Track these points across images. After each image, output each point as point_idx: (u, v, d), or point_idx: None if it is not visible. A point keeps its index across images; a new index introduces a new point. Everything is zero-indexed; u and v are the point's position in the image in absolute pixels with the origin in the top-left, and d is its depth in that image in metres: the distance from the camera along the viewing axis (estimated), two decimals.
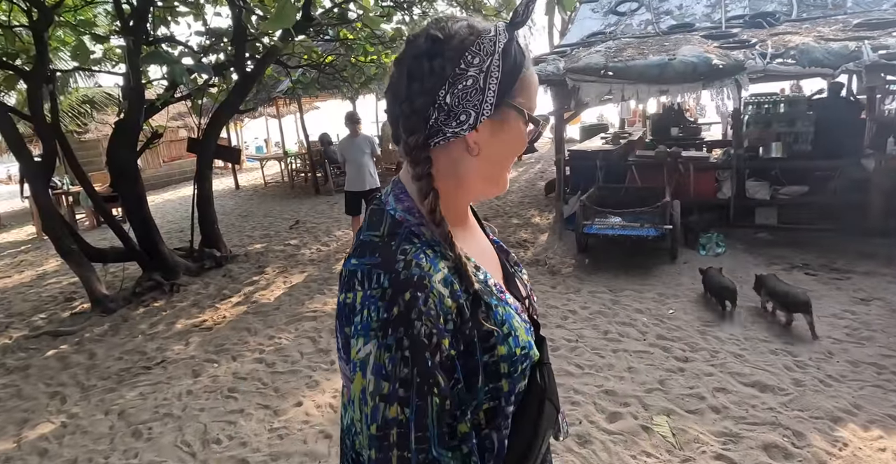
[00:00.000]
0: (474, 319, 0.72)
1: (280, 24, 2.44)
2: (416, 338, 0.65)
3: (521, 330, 0.77)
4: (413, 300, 0.66)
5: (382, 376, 0.65)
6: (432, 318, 0.66)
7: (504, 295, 0.79)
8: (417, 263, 0.69)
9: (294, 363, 3.82)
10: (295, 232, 7.88)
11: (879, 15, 6.91)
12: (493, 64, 0.73)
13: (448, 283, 0.70)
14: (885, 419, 2.66)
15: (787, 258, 5.11)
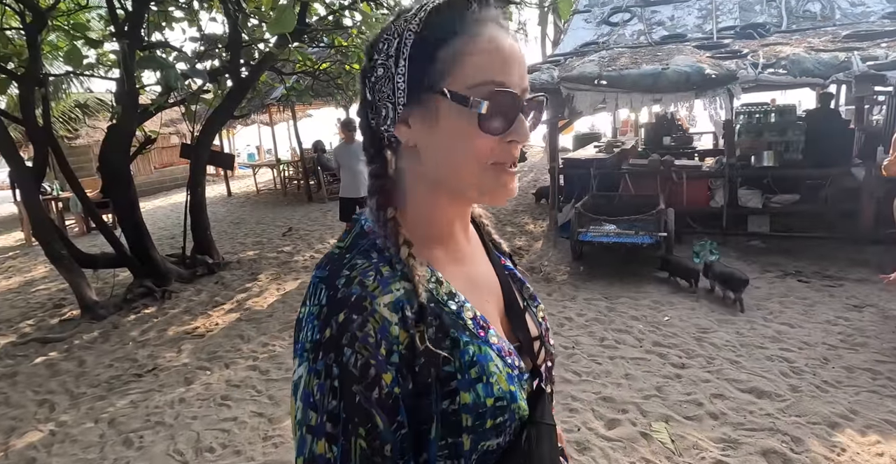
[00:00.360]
0: (429, 357, 0.59)
1: (280, 29, 2.45)
2: (345, 367, 0.56)
3: (501, 377, 0.63)
4: (346, 323, 0.57)
5: (310, 405, 0.57)
6: (369, 346, 0.56)
7: (484, 332, 0.65)
8: (361, 281, 0.59)
9: (288, 370, 3.78)
10: (288, 239, 7.84)
11: (868, 26, 7.04)
12: (404, 44, 0.61)
13: (398, 308, 0.59)
14: (881, 424, 2.66)
15: (780, 266, 5.15)
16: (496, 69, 0.60)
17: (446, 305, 0.64)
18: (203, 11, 5.42)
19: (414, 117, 0.62)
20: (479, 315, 0.66)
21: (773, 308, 4.19)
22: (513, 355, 0.67)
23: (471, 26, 0.61)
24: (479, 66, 0.59)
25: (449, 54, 0.60)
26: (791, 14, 8.29)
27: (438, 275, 0.66)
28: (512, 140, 0.61)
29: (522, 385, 0.67)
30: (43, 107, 5.36)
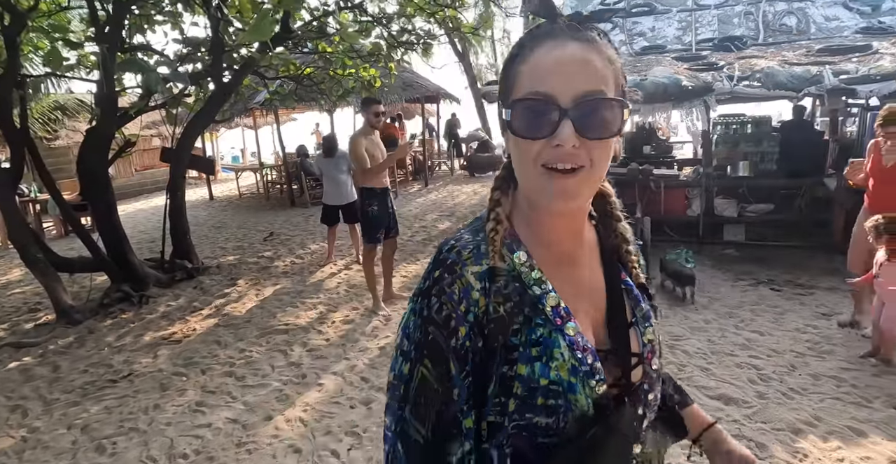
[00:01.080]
0: (499, 323, 0.68)
1: (257, 37, 2.47)
2: (430, 312, 0.68)
3: (563, 365, 0.68)
4: (440, 280, 0.69)
5: (405, 334, 0.72)
6: (453, 301, 0.68)
7: (561, 321, 0.70)
8: (459, 251, 0.71)
9: (264, 377, 3.77)
10: (269, 244, 7.81)
11: (840, 41, 7.23)
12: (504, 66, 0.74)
13: (483, 278, 0.69)
14: (843, 431, 2.74)
15: (753, 274, 5.26)
16: (537, 80, 0.67)
17: (531, 287, 0.71)
18: (186, 14, 5.41)
19: (506, 127, 0.72)
20: (563, 306, 0.72)
21: (744, 316, 4.29)
22: (588, 353, 0.71)
23: (532, 45, 0.69)
24: (525, 78, 0.68)
25: (514, 72, 0.70)
26: (768, 27, 8.48)
27: (532, 262, 0.73)
28: (557, 144, 0.66)
29: (588, 383, 0.69)
30: (21, 108, 5.30)
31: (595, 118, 0.66)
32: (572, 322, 0.71)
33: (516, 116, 0.68)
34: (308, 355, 4.08)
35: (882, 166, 3.69)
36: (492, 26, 15.48)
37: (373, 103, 4.57)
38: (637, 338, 0.78)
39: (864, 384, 3.19)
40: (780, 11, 8.64)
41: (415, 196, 11.33)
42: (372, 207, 4.59)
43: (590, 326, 0.75)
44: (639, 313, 0.80)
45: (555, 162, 0.66)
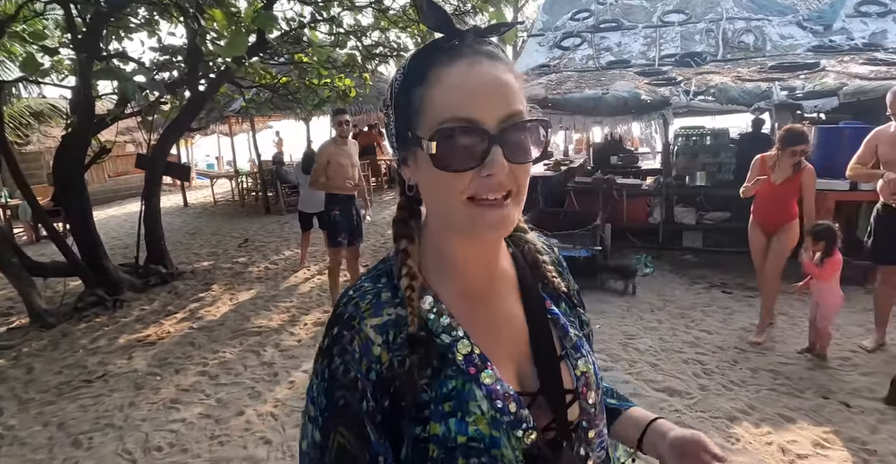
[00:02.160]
0: (405, 381, 0.63)
1: (232, 52, 2.64)
2: (333, 373, 0.64)
3: (482, 419, 0.62)
4: (339, 337, 0.64)
5: (311, 399, 0.66)
6: (354, 360, 0.63)
7: (476, 370, 0.64)
8: (357, 303, 0.66)
9: (237, 376, 3.90)
10: (243, 250, 7.89)
11: (793, 59, 7.66)
12: (392, 92, 0.67)
13: (384, 331, 0.64)
14: (774, 418, 3.00)
15: (708, 278, 5.56)
16: (458, 104, 0.60)
17: (438, 336, 0.65)
18: (164, 21, 5.52)
19: (409, 158, 0.66)
20: (476, 353, 0.66)
21: (695, 316, 4.56)
22: (510, 401, 0.64)
23: (441, 65, 0.62)
24: (441, 104, 0.60)
25: (419, 96, 0.62)
26: (727, 44, 8.90)
27: (441, 307, 0.67)
28: (488, 174, 0.60)
29: (513, 434, 0.63)
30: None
31: (522, 142, 0.61)
32: (489, 370, 0.65)
33: (440, 147, 0.59)
34: (280, 355, 4.21)
35: (770, 182, 3.80)
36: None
37: (337, 114, 4.80)
38: (569, 372, 0.72)
39: (797, 377, 3.46)
40: (739, 29, 9.09)
41: (390, 203, 11.50)
42: (334, 212, 4.74)
43: (513, 367, 0.69)
44: (568, 344, 0.73)
45: (485, 193, 0.61)
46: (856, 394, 3.22)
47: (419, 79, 0.63)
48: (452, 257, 0.69)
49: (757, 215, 4.10)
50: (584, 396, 0.71)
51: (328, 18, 5.55)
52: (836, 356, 3.72)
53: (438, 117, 0.60)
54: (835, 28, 8.60)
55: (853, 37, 8.30)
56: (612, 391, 0.91)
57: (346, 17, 6.68)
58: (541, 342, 0.71)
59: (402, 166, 0.69)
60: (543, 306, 0.75)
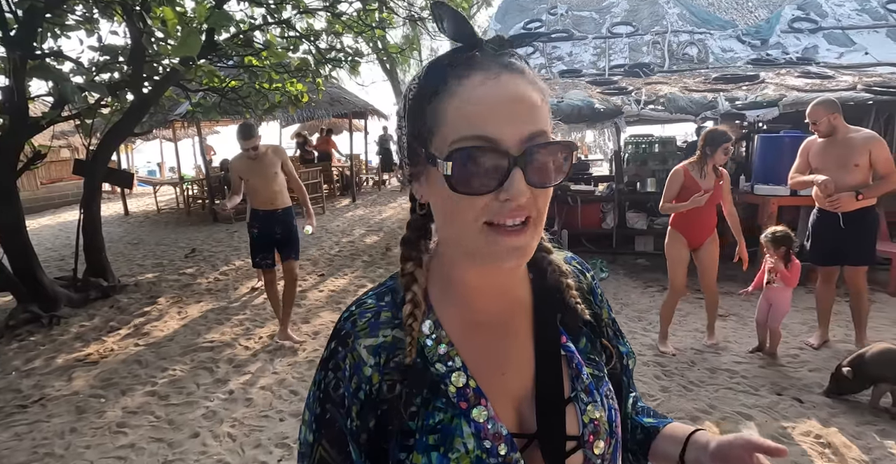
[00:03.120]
0: (392, 406, 0.61)
1: (184, 52, 2.51)
2: (326, 386, 0.64)
3: (465, 458, 0.59)
4: (335, 352, 0.64)
5: (307, 405, 0.68)
6: (345, 378, 0.62)
7: (467, 405, 0.61)
8: (355, 320, 0.65)
9: (189, 395, 3.69)
10: (191, 261, 7.56)
11: (734, 70, 8.05)
12: (406, 104, 0.62)
13: (377, 353, 0.62)
14: (734, 415, 3.09)
15: (660, 281, 5.72)
16: (475, 122, 0.55)
17: (433, 365, 0.62)
18: (104, 20, 5.22)
19: (421, 175, 0.62)
20: (472, 387, 0.61)
21: (652, 319, 4.67)
22: (501, 442, 0.60)
23: (457, 77, 0.57)
24: (457, 120, 0.56)
25: (434, 110, 0.58)
26: (672, 56, 9.28)
27: (441, 333, 0.64)
28: (506, 198, 0.55)
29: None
30: None
31: (545, 164, 0.56)
32: (481, 406, 0.61)
33: (455, 167, 0.55)
34: (235, 371, 4.03)
35: (696, 191, 3.66)
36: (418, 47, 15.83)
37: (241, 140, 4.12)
38: (577, 417, 0.65)
39: (752, 375, 3.59)
40: (684, 42, 9.49)
41: (343, 211, 11.33)
42: (253, 229, 4.44)
43: (512, 406, 0.64)
44: (579, 386, 0.67)
45: (503, 219, 0.56)
46: (806, 390, 3.37)
47: (434, 91, 0.58)
48: (463, 283, 0.65)
49: (683, 228, 3.86)
50: (591, 445, 0.65)
51: (281, 21, 5.40)
52: (785, 354, 3.89)
53: (454, 135, 0.56)
54: (771, 43, 9.11)
55: (788, 51, 8.81)
56: (649, 410, 0.87)
57: (300, 21, 6.53)
58: (548, 382, 0.65)
59: (412, 183, 0.65)
60: (558, 342, 0.68)
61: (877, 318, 4.65)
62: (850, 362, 3.07)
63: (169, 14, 3.61)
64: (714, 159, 3.66)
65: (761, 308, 3.90)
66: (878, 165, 3.58)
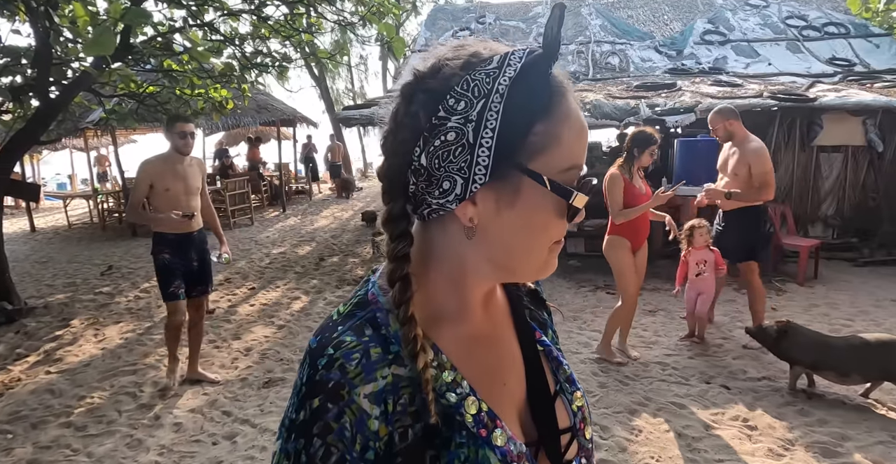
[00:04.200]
0: (409, 457, 0.52)
1: (97, 51, 2.33)
2: (312, 459, 0.50)
3: None
4: (321, 411, 0.51)
5: None
6: (344, 440, 0.50)
7: (486, 431, 0.55)
8: (342, 365, 0.52)
9: (111, 423, 3.41)
10: (108, 279, 7.06)
11: (653, 79, 8.50)
12: (490, 109, 0.52)
13: (381, 400, 0.52)
14: (668, 406, 3.22)
15: (592, 281, 5.91)
16: (579, 152, 0.56)
17: (444, 396, 0.55)
18: (3, 19, 4.80)
19: (486, 196, 0.54)
20: (485, 410, 0.57)
21: (586, 318, 4.81)
22: (523, 460, 0.57)
23: (559, 96, 0.54)
24: (570, 148, 0.54)
25: (545, 131, 0.53)
26: (596, 65, 9.69)
27: (443, 359, 0.57)
28: (574, 222, 0.57)
29: None
30: None
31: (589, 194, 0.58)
32: (499, 428, 0.56)
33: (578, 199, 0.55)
34: (160, 395, 3.76)
35: (635, 194, 3.62)
36: (348, 53, 15.67)
37: (177, 122, 3.55)
38: (566, 408, 0.66)
39: (682, 366, 3.77)
40: (606, 52, 9.94)
41: (272, 222, 10.99)
42: (163, 255, 3.63)
43: (515, 414, 0.62)
44: (562, 377, 0.68)
45: (560, 238, 0.58)
46: (732, 377, 3.57)
47: (542, 106, 0.54)
48: (459, 301, 0.60)
49: (630, 233, 3.69)
50: (582, 431, 0.66)
51: (203, 24, 5.17)
52: (710, 344, 4.10)
53: (566, 162, 0.55)
54: (685, 53, 9.71)
55: (700, 61, 9.42)
56: None
57: (224, 25, 6.29)
58: (536, 382, 0.65)
59: (455, 203, 0.54)
60: (534, 338, 0.68)
61: (788, 306, 5.02)
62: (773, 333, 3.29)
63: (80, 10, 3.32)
64: (640, 161, 3.65)
65: (690, 299, 4.12)
66: (754, 178, 3.78)
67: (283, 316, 5.32)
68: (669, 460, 2.70)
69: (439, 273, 0.60)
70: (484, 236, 0.56)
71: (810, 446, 2.77)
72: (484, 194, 0.54)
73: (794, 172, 6.97)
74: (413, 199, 0.57)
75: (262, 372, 4.02)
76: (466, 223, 0.56)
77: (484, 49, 0.56)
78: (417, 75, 0.56)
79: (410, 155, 0.55)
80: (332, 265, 7.27)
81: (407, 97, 0.56)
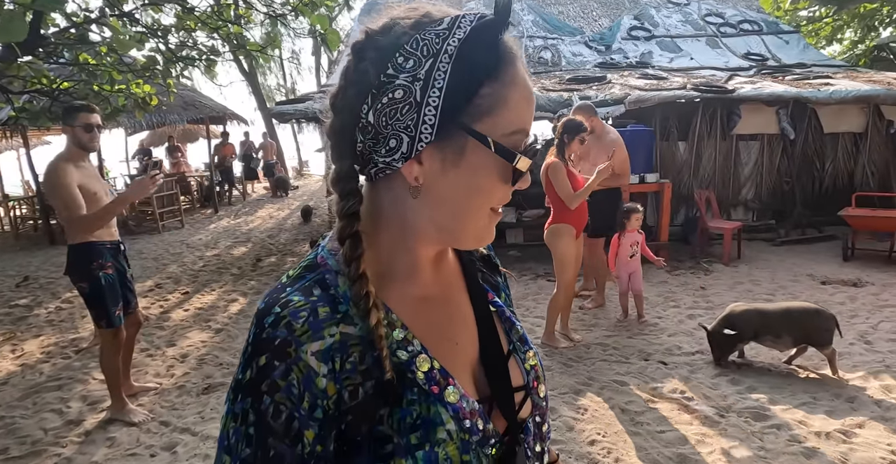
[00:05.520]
0: (359, 414, 0.53)
1: (6, 38, 2.14)
2: (262, 416, 0.50)
3: (452, 446, 0.54)
4: (267, 369, 0.51)
5: (224, 448, 0.53)
6: (292, 397, 0.50)
7: (439, 388, 0.56)
8: (289, 323, 0.52)
9: (35, 443, 3.16)
10: (24, 290, 6.55)
11: (584, 73, 8.75)
12: (438, 69, 0.53)
13: (328, 358, 0.52)
14: (610, 384, 3.34)
15: (533, 270, 6.04)
16: (526, 117, 0.56)
17: (395, 354, 0.55)
18: None
19: (432, 155, 0.55)
20: (437, 367, 0.57)
21: (528, 305, 4.91)
22: (476, 417, 0.57)
23: (508, 61, 0.55)
24: (516, 112, 0.55)
25: (492, 93, 0.54)
26: (529, 60, 9.87)
27: (393, 318, 0.57)
28: (517, 187, 0.58)
29: (484, 452, 0.57)
30: None
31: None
32: (451, 385, 0.57)
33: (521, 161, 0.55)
34: (90, 409, 3.53)
35: (576, 178, 3.74)
36: (280, 46, 15.21)
37: (80, 112, 3.06)
38: (519, 367, 0.67)
39: (622, 346, 3.92)
40: (539, 46, 10.15)
41: (204, 224, 10.55)
42: (104, 272, 3.15)
43: (468, 372, 0.62)
44: (514, 337, 0.69)
45: (502, 204, 0.59)
46: (668, 353, 3.75)
47: (494, 67, 0.54)
48: (407, 261, 0.61)
49: (575, 220, 3.77)
50: (536, 390, 0.67)
51: (123, 14, 4.86)
52: (648, 324, 4.30)
53: (513, 125, 0.55)
54: (614, 48, 10.06)
55: (628, 56, 9.79)
56: None
57: (145, 16, 5.94)
58: (489, 342, 0.65)
59: (407, 159, 0.55)
60: (487, 299, 0.69)
61: (716, 285, 5.33)
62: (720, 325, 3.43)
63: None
64: (571, 148, 3.72)
65: (623, 280, 4.30)
66: (615, 166, 4.12)
67: (221, 319, 5.11)
68: (615, 434, 2.80)
69: (387, 233, 0.60)
70: (428, 196, 0.57)
71: (742, 412, 2.95)
72: (430, 153, 0.55)
73: (717, 160, 7.38)
74: (361, 157, 0.57)
75: (201, 378, 3.85)
76: (412, 182, 0.56)
77: (436, 11, 0.56)
78: (368, 33, 0.56)
79: (359, 112, 0.55)
80: (271, 265, 7.07)
81: (357, 54, 0.56)
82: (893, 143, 7.54)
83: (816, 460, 2.52)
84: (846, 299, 4.77)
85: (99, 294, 3.14)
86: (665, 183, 6.16)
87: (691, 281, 5.49)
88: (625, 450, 2.66)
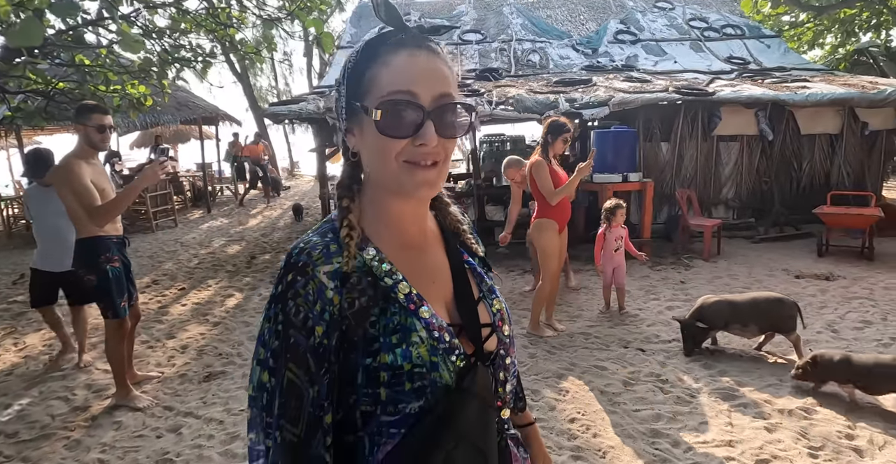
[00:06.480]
0: (355, 319, 0.72)
1: (24, 41, 2.30)
2: (287, 315, 0.71)
3: (423, 347, 0.73)
4: (293, 282, 0.71)
5: (261, 343, 0.73)
6: (308, 302, 0.70)
7: (415, 306, 0.75)
8: (309, 253, 0.73)
9: (44, 428, 3.31)
10: (21, 287, 6.64)
11: (571, 75, 8.96)
12: (345, 72, 0.77)
13: (336, 277, 0.72)
14: (591, 369, 3.54)
15: (520, 266, 6.25)
16: (402, 82, 0.71)
17: (382, 280, 0.75)
18: None
19: (354, 128, 0.77)
20: (414, 293, 0.76)
21: (515, 299, 5.12)
22: (444, 332, 0.76)
23: (391, 51, 0.73)
24: (388, 81, 0.72)
25: (369, 74, 0.74)
26: (518, 62, 10.07)
27: (382, 256, 0.77)
28: (420, 143, 0.72)
29: (448, 359, 0.75)
30: None
31: (451, 119, 0.74)
32: (425, 306, 0.76)
33: (384, 115, 0.71)
34: (96, 397, 3.68)
35: (559, 176, 3.89)
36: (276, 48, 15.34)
37: (94, 112, 3.13)
38: (487, 310, 0.85)
39: (604, 334, 4.13)
40: (527, 49, 10.35)
41: (197, 223, 10.66)
42: (112, 265, 3.25)
43: (442, 305, 0.81)
44: (484, 288, 0.88)
45: (418, 159, 0.73)
46: (647, 341, 3.96)
47: (370, 60, 0.74)
48: (388, 213, 0.80)
49: (559, 215, 3.94)
50: (501, 328, 0.85)
51: (122, 16, 4.99)
52: (627, 315, 4.50)
53: (384, 91, 0.72)
54: (600, 52, 10.28)
55: (614, 59, 10.02)
56: None
57: (141, 18, 6.06)
58: (462, 286, 0.84)
59: (347, 135, 0.80)
60: (462, 258, 0.88)
61: (695, 279, 5.55)
62: (693, 318, 3.64)
63: None
64: (554, 148, 3.87)
65: (607, 273, 4.50)
66: None
67: (218, 313, 5.26)
68: (594, 413, 3.00)
69: (368, 193, 0.82)
70: (364, 160, 0.79)
71: (713, 393, 3.17)
72: (354, 128, 0.78)
73: (698, 160, 7.63)
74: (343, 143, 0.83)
75: (202, 367, 4.01)
76: (353, 149, 0.80)
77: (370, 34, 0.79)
78: None
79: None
80: (265, 262, 7.21)
81: None
82: (868, 144, 7.84)
83: (778, 434, 2.74)
84: (817, 292, 5.02)
85: (106, 287, 3.26)
86: (648, 182, 6.38)
87: (672, 276, 5.72)
88: (602, 426, 2.87)
